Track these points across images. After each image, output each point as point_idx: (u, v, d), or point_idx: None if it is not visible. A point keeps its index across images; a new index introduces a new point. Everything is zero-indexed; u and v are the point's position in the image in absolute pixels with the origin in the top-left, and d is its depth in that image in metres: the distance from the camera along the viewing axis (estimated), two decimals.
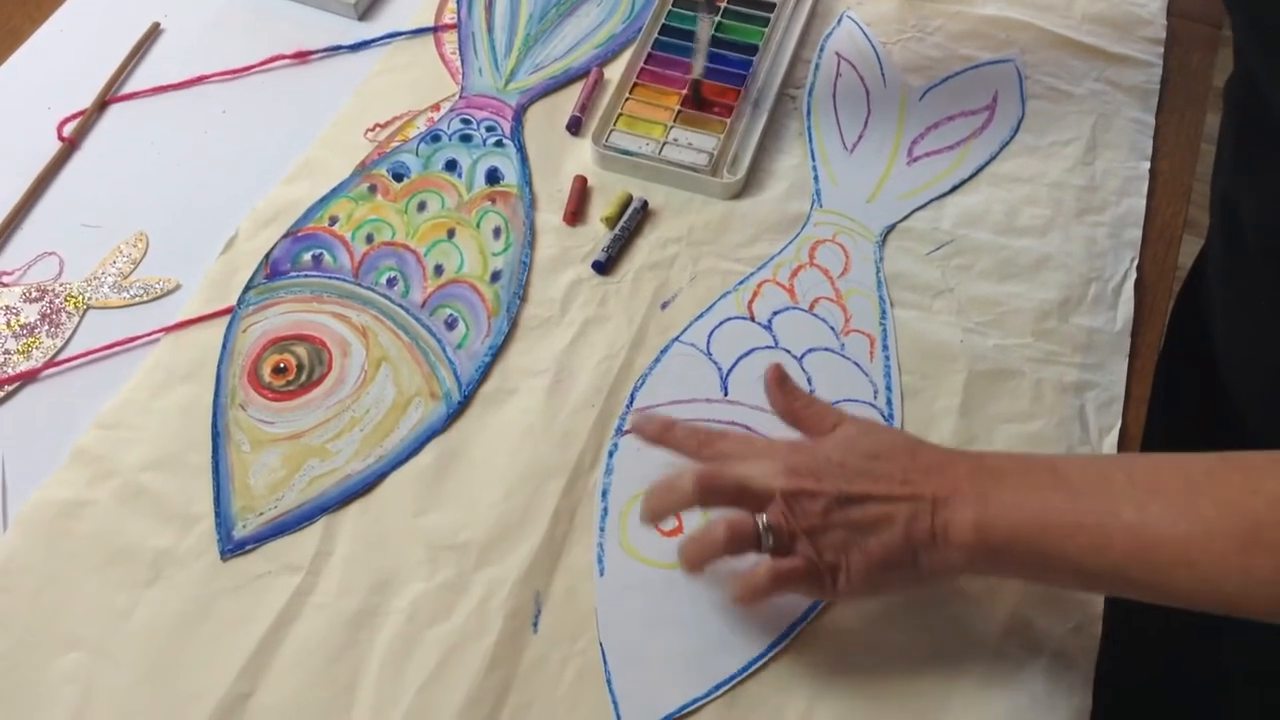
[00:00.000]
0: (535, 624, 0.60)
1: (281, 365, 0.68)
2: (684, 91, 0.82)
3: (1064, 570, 0.52)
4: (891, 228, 0.76)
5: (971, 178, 0.79)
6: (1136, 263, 0.75)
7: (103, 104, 0.82)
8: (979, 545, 0.52)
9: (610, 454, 0.66)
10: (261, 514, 0.62)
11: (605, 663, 0.58)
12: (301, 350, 0.69)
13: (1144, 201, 0.78)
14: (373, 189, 0.77)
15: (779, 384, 0.61)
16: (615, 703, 0.57)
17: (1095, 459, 0.54)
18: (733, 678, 0.58)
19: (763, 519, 0.54)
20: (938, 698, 0.58)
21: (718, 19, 0.79)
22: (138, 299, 0.71)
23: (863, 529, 0.53)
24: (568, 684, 0.58)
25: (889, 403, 0.68)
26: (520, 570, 0.61)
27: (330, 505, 0.63)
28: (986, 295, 0.73)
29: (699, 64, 0.80)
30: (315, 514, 0.63)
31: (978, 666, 0.58)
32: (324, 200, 0.76)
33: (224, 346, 0.69)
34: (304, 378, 0.68)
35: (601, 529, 0.63)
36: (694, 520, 0.62)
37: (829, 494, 0.54)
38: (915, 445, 0.56)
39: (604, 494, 0.64)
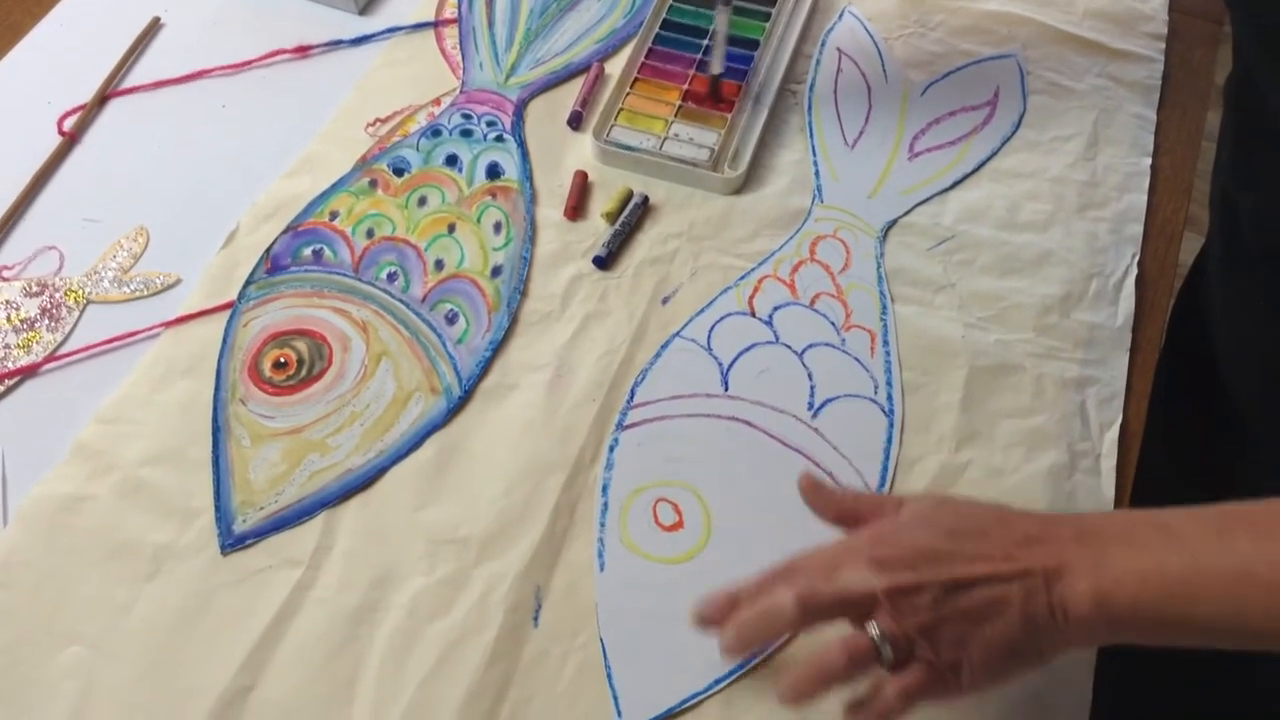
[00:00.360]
0: (536, 619, 0.60)
1: (282, 360, 0.68)
2: (686, 88, 0.81)
3: (1194, 633, 0.48)
4: (893, 223, 0.76)
5: (973, 173, 0.79)
6: (1138, 258, 0.75)
7: (103, 98, 0.82)
8: (1099, 618, 0.48)
9: (611, 449, 0.65)
10: (262, 509, 0.62)
11: (605, 657, 0.58)
12: (302, 345, 0.69)
13: (1145, 197, 0.78)
14: (373, 184, 0.77)
15: (816, 491, 0.57)
16: (615, 697, 0.57)
17: (1200, 511, 0.49)
18: (732, 673, 0.58)
19: (875, 630, 0.49)
20: None
21: (731, 13, 0.78)
22: (138, 294, 0.71)
23: (977, 616, 0.48)
24: (568, 679, 0.58)
25: (889, 398, 0.68)
26: (521, 565, 0.61)
27: (330, 500, 0.63)
28: (988, 290, 0.73)
29: (718, 60, 0.79)
30: (315, 509, 0.63)
31: None
32: (324, 195, 0.76)
33: (224, 341, 0.69)
34: (304, 372, 0.68)
35: (602, 524, 0.63)
36: (690, 507, 0.62)
37: (933, 584, 0.49)
38: (1002, 514, 0.52)
39: (604, 489, 0.64)
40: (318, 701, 0.57)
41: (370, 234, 0.74)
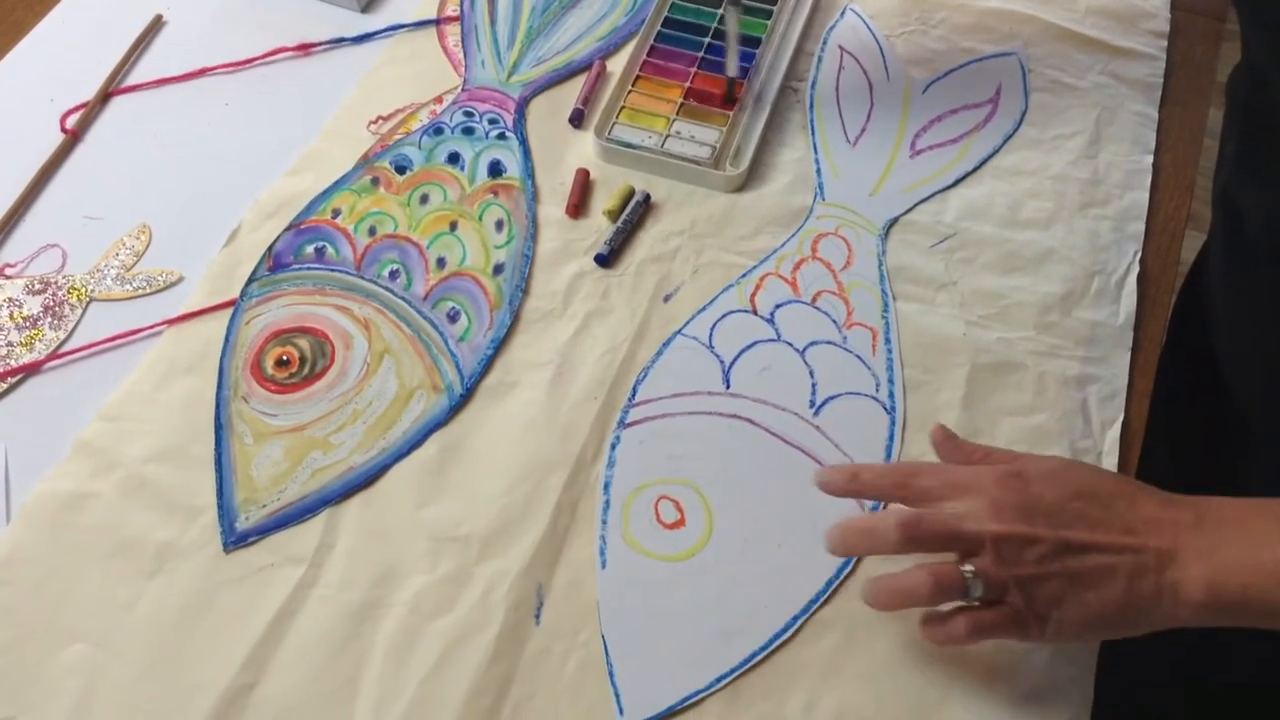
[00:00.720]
0: (537, 617, 0.60)
1: (284, 358, 0.68)
2: (688, 85, 0.81)
3: None
4: (894, 221, 0.76)
5: (975, 171, 0.79)
6: (1140, 256, 0.75)
7: (105, 96, 0.82)
8: (1211, 604, 0.49)
9: (613, 447, 0.66)
10: (264, 506, 0.62)
11: (607, 655, 0.58)
12: (304, 343, 0.69)
13: (1147, 195, 0.78)
14: (375, 182, 0.77)
15: (948, 442, 0.58)
16: (617, 695, 0.57)
17: None
18: (734, 670, 0.58)
19: (969, 569, 0.50)
20: (940, 689, 0.57)
21: (741, 13, 0.78)
22: (140, 291, 0.71)
23: (1081, 580, 0.50)
24: (570, 676, 0.58)
25: (891, 395, 0.68)
26: (522, 563, 0.61)
27: (333, 498, 0.63)
28: (989, 288, 0.73)
29: (732, 62, 0.79)
30: (318, 506, 0.63)
31: (981, 658, 0.58)
32: (327, 193, 0.76)
33: (226, 339, 0.69)
34: (306, 370, 0.68)
35: (604, 522, 0.63)
36: (692, 504, 0.62)
37: (1045, 539, 0.50)
38: (1133, 489, 0.53)
39: (606, 487, 0.64)
40: (320, 699, 0.57)
41: (372, 232, 0.74)
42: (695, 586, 0.60)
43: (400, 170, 0.77)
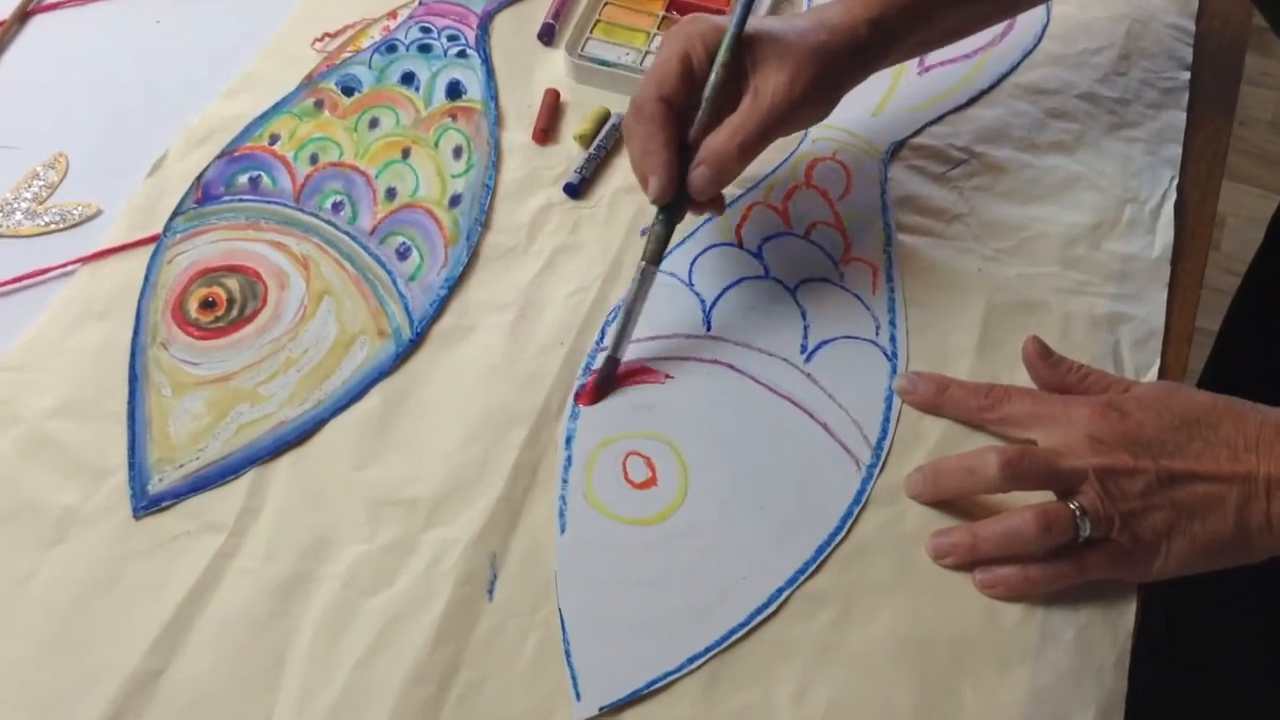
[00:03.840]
0: (490, 591, 0.53)
1: (210, 299, 0.61)
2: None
3: None
4: (900, 144, 0.68)
5: (991, 89, 0.70)
6: (1176, 183, 0.67)
7: (24, 15, 0.74)
8: None
9: (576, 395, 0.58)
10: (181, 466, 0.55)
11: (564, 631, 0.51)
12: (233, 283, 0.61)
13: (1184, 116, 0.70)
14: (319, 104, 0.69)
15: (1043, 357, 0.56)
16: (574, 677, 0.50)
17: None
18: (710, 649, 0.51)
19: (1076, 504, 0.49)
20: (947, 675, 0.50)
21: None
22: (53, 226, 0.64)
23: (1188, 511, 0.49)
24: (527, 658, 0.51)
25: (893, 340, 0.60)
26: (474, 530, 0.54)
27: (260, 456, 0.56)
28: (1007, 219, 0.65)
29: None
30: (242, 466, 0.55)
31: (994, 640, 0.51)
32: (264, 117, 0.68)
33: (147, 279, 0.62)
34: (235, 313, 0.60)
35: (564, 480, 0.55)
36: (665, 461, 0.55)
37: (1149, 472, 0.49)
38: (1236, 410, 0.51)
39: (568, 441, 0.57)
40: (238, 685, 0.50)
41: (314, 160, 0.66)
42: (666, 553, 0.53)
43: (348, 92, 0.69)
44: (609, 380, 0.58)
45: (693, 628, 0.51)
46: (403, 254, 0.63)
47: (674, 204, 0.57)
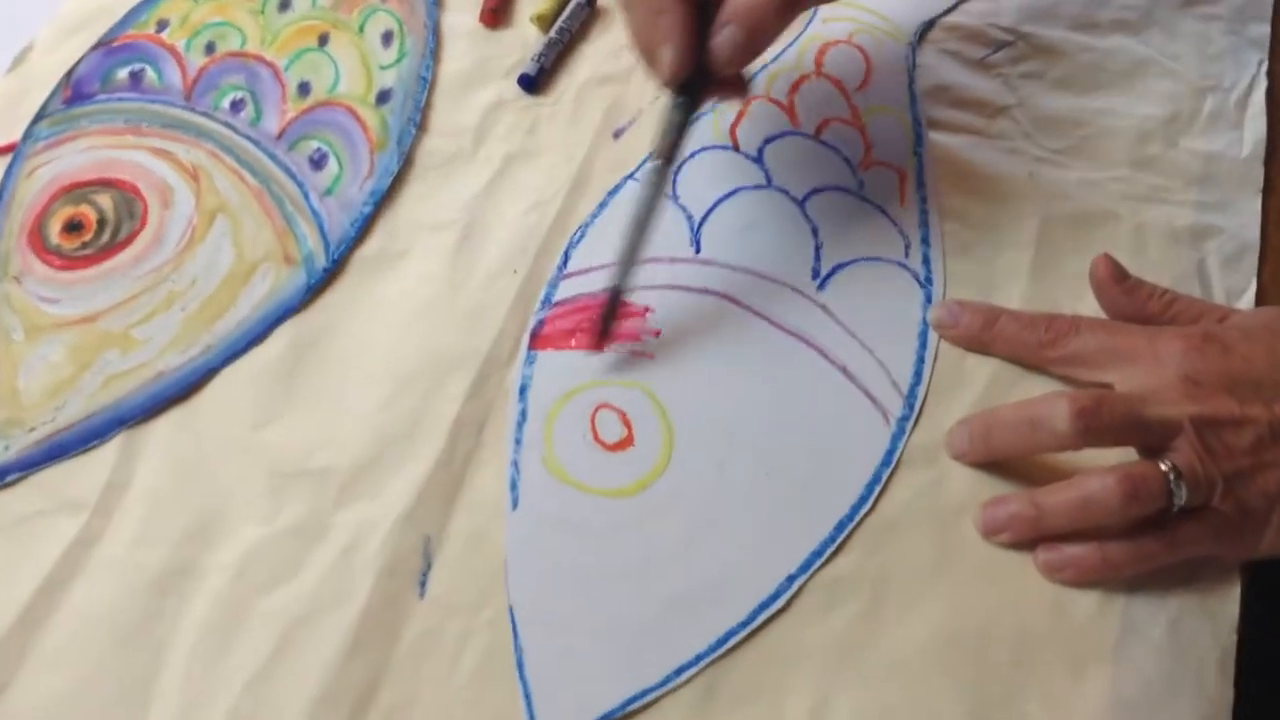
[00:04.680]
0: (423, 585, 0.41)
1: (76, 221, 0.49)
2: None
3: None
4: (930, 24, 0.56)
5: None
6: (1266, 67, 0.55)
7: None
8: None
9: (534, 335, 0.46)
10: (33, 430, 0.44)
11: (516, 636, 0.40)
12: (106, 200, 0.49)
13: None
14: None
15: (1117, 280, 0.46)
16: (528, 697, 0.39)
17: None
18: (703, 656, 0.40)
19: (1169, 464, 0.39)
20: (1006, 683, 0.39)
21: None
22: None
23: None
24: (468, 672, 0.40)
25: (926, 261, 0.48)
26: (403, 506, 0.43)
27: (132, 416, 0.44)
28: (1064, 113, 0.53)
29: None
30: (110, 428, 0.44)
31: (1064, 638, 0.40)
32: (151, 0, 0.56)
33: (0, 197, 0.50)
34: (106, 237, 0.48)
35: (518, 441, 0.44)
36: (644, 416, 0.44)
37: (1260, 421, 0.40)
38: None
39: (522, 391, 0.45)
40: (97, 708, 0.39)
41: (210, 49, 0.54)
42: (647, 533, 0.42)
43: None
44: (613, 318, 0.46)
45: (681, 629, 0.40)
46: (317, 162, 0.51)
47: (691, 83, 0.44)
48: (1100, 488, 0.40)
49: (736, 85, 0.46)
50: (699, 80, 0.43)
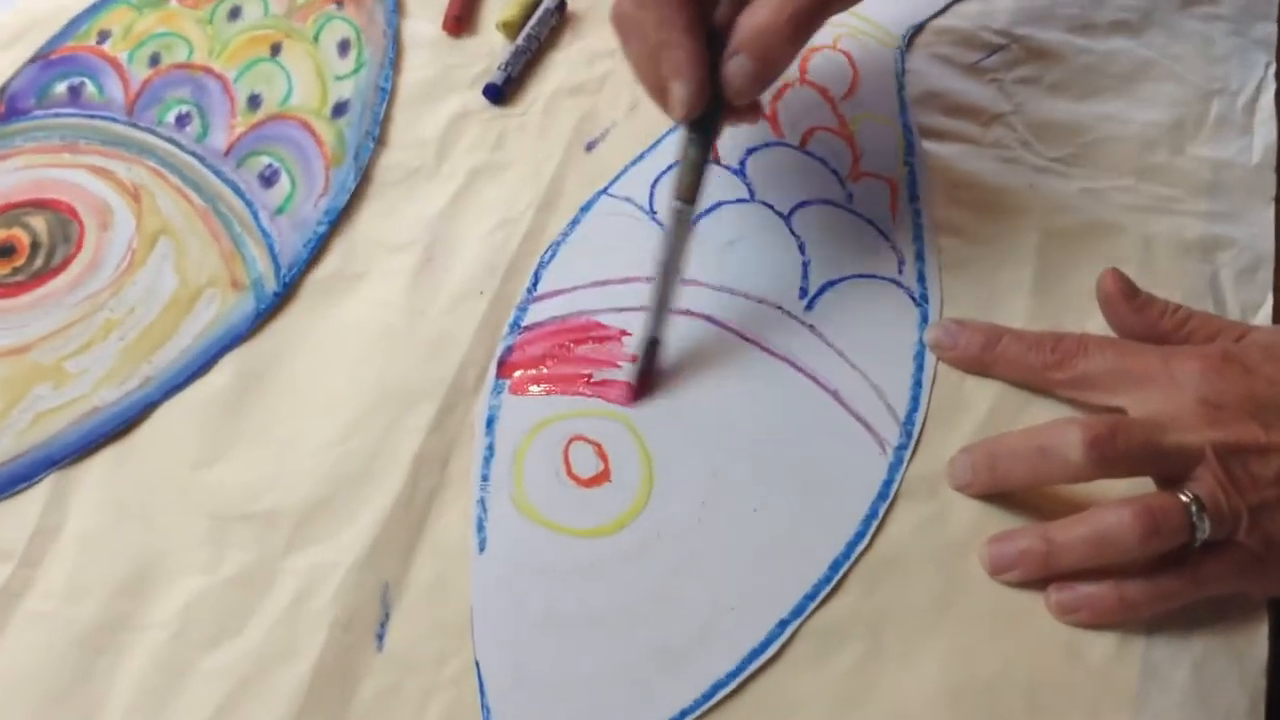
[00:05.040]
0: (380, 637, 0.38)
1: (8, 245, 0.46)
2: None
3: None
4: (920, 28, 0.53)
5: None
6: (1274, 69, 0.52)
7: None
8: None
9: (501, 364, 0.43)
10: None
11: (482, 693, 0.37)
12: (39, 222, 0.46)
13: None
14: None
15: (1127, 296, 0.43)
16: None
17: None
18: (688, 712, 0.36)
19: (1190, 495, 0.36)
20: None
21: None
22: None
23: None
24: None
25: (921, 278, 0.45)
26: (359, 551, 0.39)
27: (64, 456, 0.41)
28: (1063, 119, 0.50)
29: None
30: (39, 470, 0.41)
31: (1080, 685, 0.37)
32: (93, 9, 0.54)
33: None
34: (40, 262, 0.45)
35: (484, 478, 0.41)
36: (622, 448, 0.40)
37: None
38: None
39: (489, 424, 0.42)
40: None
41: (155, 61, 0.51)
42: (626, 576, 0.39)
43: None
44: (651, 370, 0.42)
45: (663, 682, 0.37)
46: (268, 179, 0.47)
47: (706, 116, 0.40)
48: (1117, 522, 0.36)
49: (752, 111, 0.43)
50: (713, 111, 0.40)
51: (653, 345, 0.42)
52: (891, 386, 0.43)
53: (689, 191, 0.41)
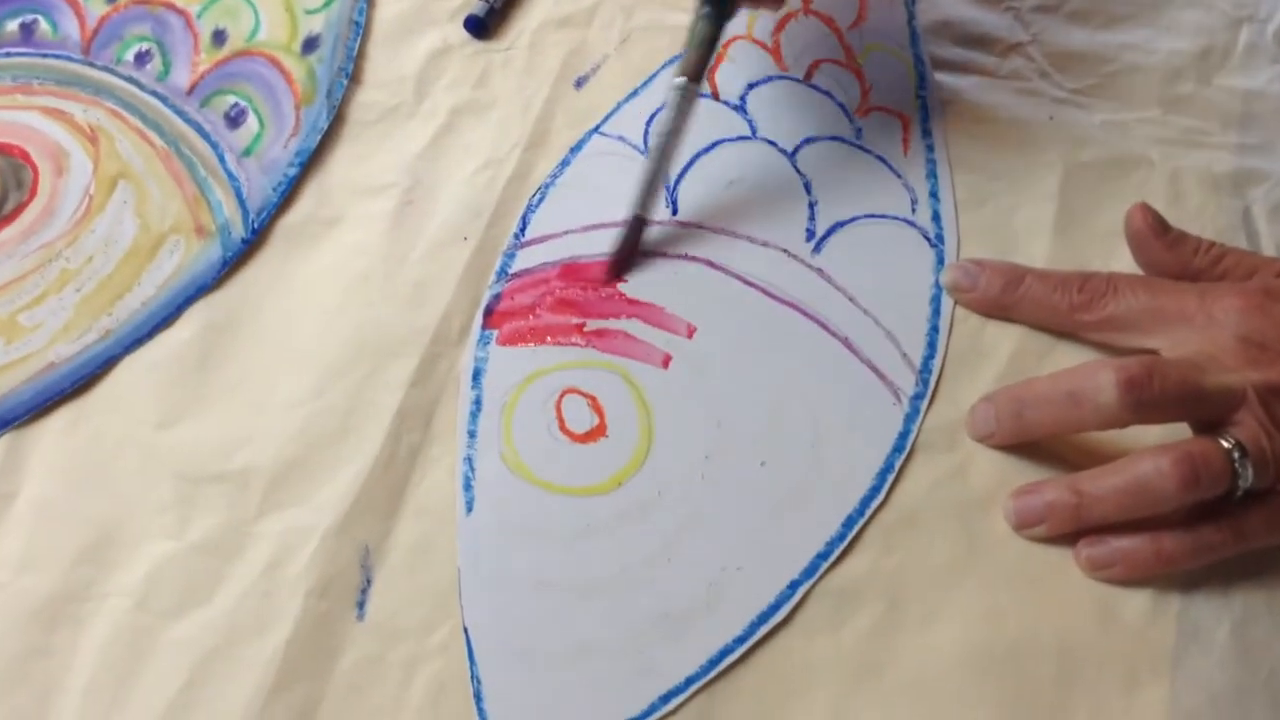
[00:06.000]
0: (361, 605, 0.35)
1: None
2: None
3: None
4: None
5: None
6: None
7: None
8: None
9: (488, 312, 0.40)
10: None
11: (472, 663, 0.34)
12: None
13: None
14: None
15: (1158, 232, 0.40)
16: None
17: None
18: (693, 680, 0.34)
19: (1232, 440, 0.34)
20: (1050, 700, 0.34)
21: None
22: None
23: None
24: (416, 706, 0.34)
25: (936, 217, 0.43)
26: (337, 514, 0.37)
27: (17, 415, 0.38)
28: (1084, 48, 0.48)
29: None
30: None
31: (1114, 646, 0.35)
32: None
33: None
34: None
35: (471, 434, 0.38)
36: (618, 400, 0.38)
37: None
38: None
39: (476, 376, 0.39)
40: None
41: None
42: (623, 537, 0.36)
43: None
44: (634, 248, 0.41)
45: (666, 649, 0.34)
46: (234, 120, 0.44)
47: None
48: (1154, 470, 0.34)
49: None
50: None
51: (637, 223, 0.40)
52: (906, 333, 0.40)
53: (695, 69, 0.39)
